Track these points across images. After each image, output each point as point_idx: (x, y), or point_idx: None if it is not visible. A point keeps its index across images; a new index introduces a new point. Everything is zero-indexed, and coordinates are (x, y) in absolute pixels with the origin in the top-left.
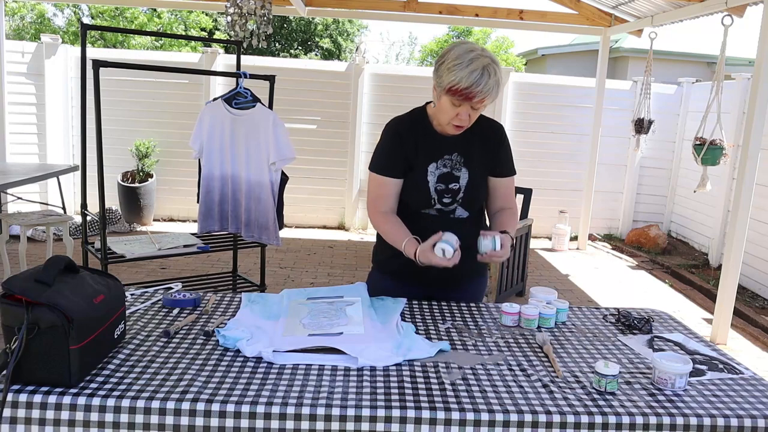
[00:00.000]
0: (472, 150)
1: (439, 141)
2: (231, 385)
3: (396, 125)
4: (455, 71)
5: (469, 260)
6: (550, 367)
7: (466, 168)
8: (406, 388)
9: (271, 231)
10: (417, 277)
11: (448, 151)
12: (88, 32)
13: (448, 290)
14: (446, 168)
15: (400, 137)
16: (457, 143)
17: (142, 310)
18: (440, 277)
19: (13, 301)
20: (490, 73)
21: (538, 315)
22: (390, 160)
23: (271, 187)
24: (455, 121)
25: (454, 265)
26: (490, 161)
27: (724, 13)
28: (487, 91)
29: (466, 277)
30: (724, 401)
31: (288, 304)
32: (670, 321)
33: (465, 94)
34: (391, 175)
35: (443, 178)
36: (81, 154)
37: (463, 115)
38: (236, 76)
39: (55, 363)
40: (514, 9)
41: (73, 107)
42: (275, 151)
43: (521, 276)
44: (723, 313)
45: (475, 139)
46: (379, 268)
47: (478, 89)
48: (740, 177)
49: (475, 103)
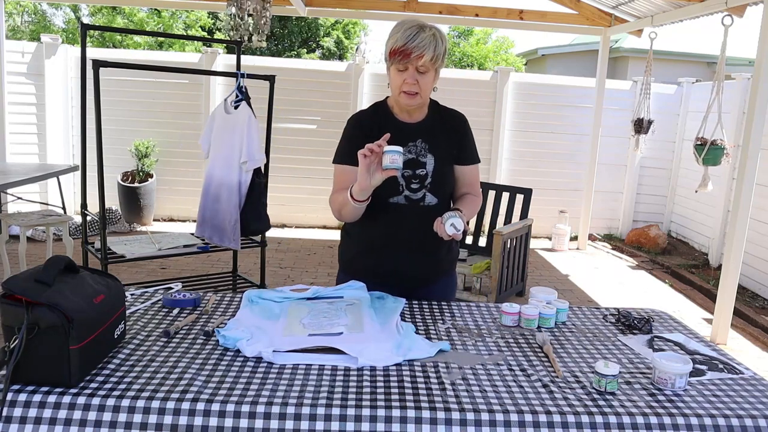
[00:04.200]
0: (435, 137)
1: (402, 129)
2: (231, 385)
3: (358, 116)
4: (393, 35)
5: (440, 259)
6: (550, 367)
7: (431, 154)
8: (406, 388)
9: (228, 233)
10: (383, 277)
11: (411, 138)
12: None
13: (415, 290)
14: (411, 154)
15: (361, 126)
16: (420, 131)
17: (142, 310)
18: (411, 277)
19: (13, 301)
20: (425, 30)
21: (538, 315)
22: (349, 147)
23: (238, 188)
24: (404, 87)
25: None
26: (455, 149)
27: (724, 13)
28: (424, 45)
29: (432, 276)
30: (724, 401)
31: (288, 304)
32: (670, 321)
33: (402, 51)
34: (349, 162)
35: (409, 164)
36: (81, 154)
37: (410, 79)
38: (236, 76)
39: (55, 363)
40: (514, 9)
41: (73, 107)
42: (246, 149)
43: (521, 276)
44: (723, 313)
45: (438, 127)
46: (345, 269)
47: (413, 44)
48: (740, 177)
49: (414, 61)
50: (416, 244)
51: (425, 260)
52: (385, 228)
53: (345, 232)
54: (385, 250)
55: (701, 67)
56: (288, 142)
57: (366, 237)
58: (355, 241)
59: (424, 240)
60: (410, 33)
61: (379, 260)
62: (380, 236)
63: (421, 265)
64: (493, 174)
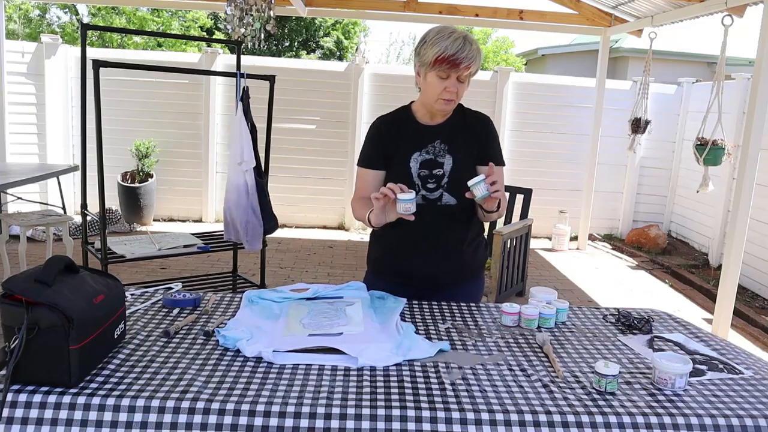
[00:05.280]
0: (455, 138)
1: (421, 131)
2: (231, 385)
3: (378, 121)
4: (439, 43)
5: (464, 261)
6: (550, 367)
7: (450, 155)
8: (406, 387)
9: (241, 234)
10: (406, 277)
11: (430, 139)
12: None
13: (441, 291)
14: (429, 155)
15: (380, 130)
16: (439, 132)
17: (142, 310)
18: (432, 277)
19: (13, 301)
20: (471, 42)
21: (538, 315)
22: (370, 151)
23: (245, 189)
24: (444, 95)
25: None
26: (477, 150)
27: (724, 13)
28: (472, 57)
29: (460, 278)
30: (724, 401)
31: (288, 304)
32: (670, 321)
33: (452, 61)
34: (369, 166)
35: (426, 164)
36: (81, 154)
37: (451, 87)
38: (235, 76)
39: (55, 363)
40: (514, 9)
41: (73, 107)
42: (239, 150)
43: (521, 276)
44: (723, 313)
45: (460, 128)
46: (372, 269)
47: (464, 55)
48: (740, 177)
49: (461, 72)
50: (436, 244)
51: (447, 261)
52: (404, 228)
53: (372, 234)
54: (408, 251)
55: (701, 67)
56: (288, 142)
57: (388, 238)
58: (380, 242)
59: (445, 240)
60: (459, 44)
61: (402, 261)
62: (401, 237)
63: (443, 266)
64: None
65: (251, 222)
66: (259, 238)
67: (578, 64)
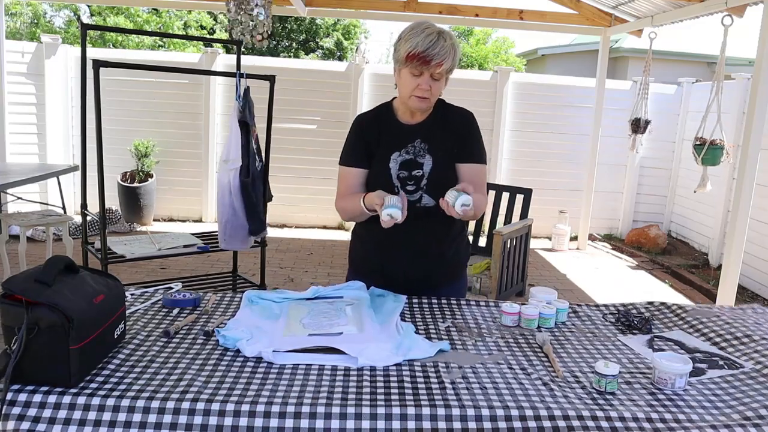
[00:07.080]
0: (435, 136)
1: (401, 130)
2: (231, 385)
3: (359, 118)
4: (411, 39)
5: (446, 262)
6: (550, 367)
7: (429, 155)
8: (406, 387)
9: (220, 233)
10: (388, 278)
11: (410, 139)
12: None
13: (423, 291)
14: (409, 155)
15: (362, 128)
16: (419, 131)
17: (142, 310)
18: (413, 278)
19: (13, 301)
20: (445, 38)
21: (538, 315)
22: (351, 150)
23: (228, 188)
24: (416, 92)
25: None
26: (457, 147)
27: (724, 13)
28: (444, 54)
29: (442, 278)
30: (724, 399)
31: (288, 304)
32: (667, 313)
33: (422, 57)
34: (351, 164)
35: (406, 165)
36: (81, 154)
37: (424, 84)
38: (235, 75)
39: (55, 363)
40: (514, 9)
41: (73, 107)
42: (228, 147)
43: (521, 276)
44: None
45: (440, 126)
46: (354, 269)
47: (434, 51)
48: (740, 177)
49: (433, 68)
50: (416, 245)
51: (428, 262)
52: (385, 229)
53: (354, 232)
54: (389, 252)
55: (701, 67)
56: (288, 143)
57: (370, 238)
58: (362, 242)
59: (424, 241)
60: (431, 40)
61: (384, 261)
62: (382, 237)
63: (424, 267)
64: (493, 174)
65: (230, 221)
66: (242, 239)
67: (578, 64)
